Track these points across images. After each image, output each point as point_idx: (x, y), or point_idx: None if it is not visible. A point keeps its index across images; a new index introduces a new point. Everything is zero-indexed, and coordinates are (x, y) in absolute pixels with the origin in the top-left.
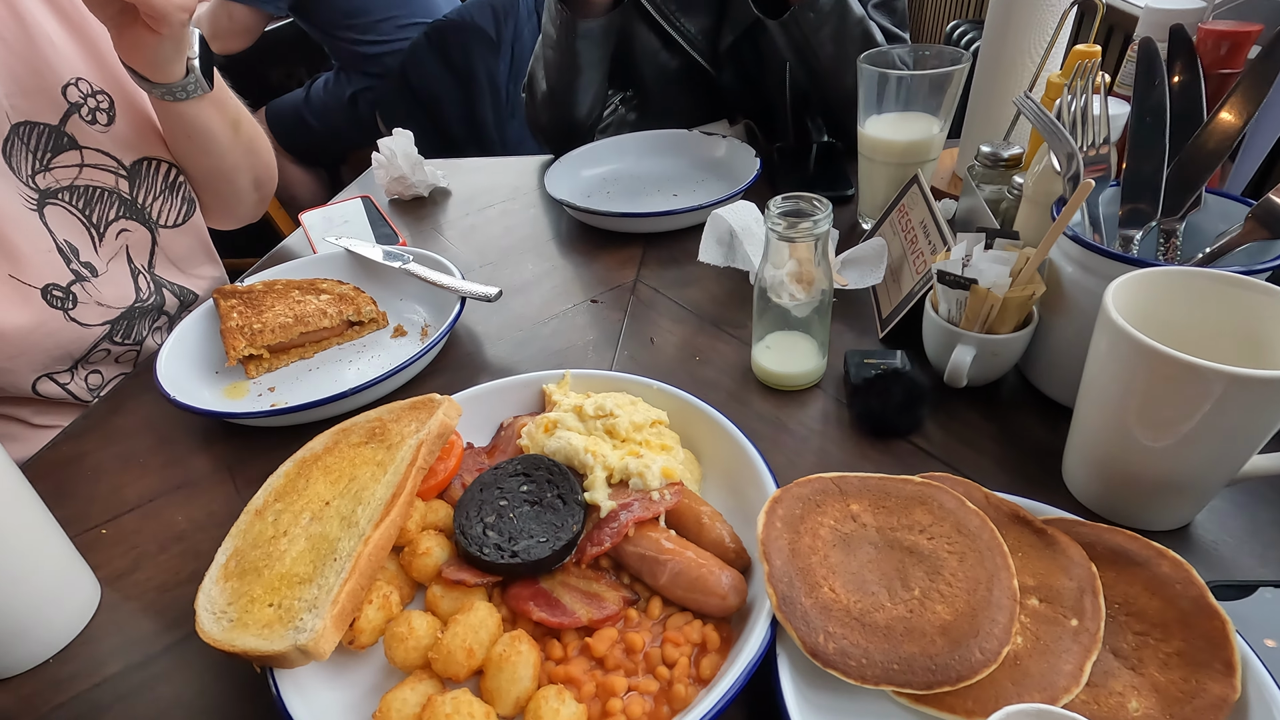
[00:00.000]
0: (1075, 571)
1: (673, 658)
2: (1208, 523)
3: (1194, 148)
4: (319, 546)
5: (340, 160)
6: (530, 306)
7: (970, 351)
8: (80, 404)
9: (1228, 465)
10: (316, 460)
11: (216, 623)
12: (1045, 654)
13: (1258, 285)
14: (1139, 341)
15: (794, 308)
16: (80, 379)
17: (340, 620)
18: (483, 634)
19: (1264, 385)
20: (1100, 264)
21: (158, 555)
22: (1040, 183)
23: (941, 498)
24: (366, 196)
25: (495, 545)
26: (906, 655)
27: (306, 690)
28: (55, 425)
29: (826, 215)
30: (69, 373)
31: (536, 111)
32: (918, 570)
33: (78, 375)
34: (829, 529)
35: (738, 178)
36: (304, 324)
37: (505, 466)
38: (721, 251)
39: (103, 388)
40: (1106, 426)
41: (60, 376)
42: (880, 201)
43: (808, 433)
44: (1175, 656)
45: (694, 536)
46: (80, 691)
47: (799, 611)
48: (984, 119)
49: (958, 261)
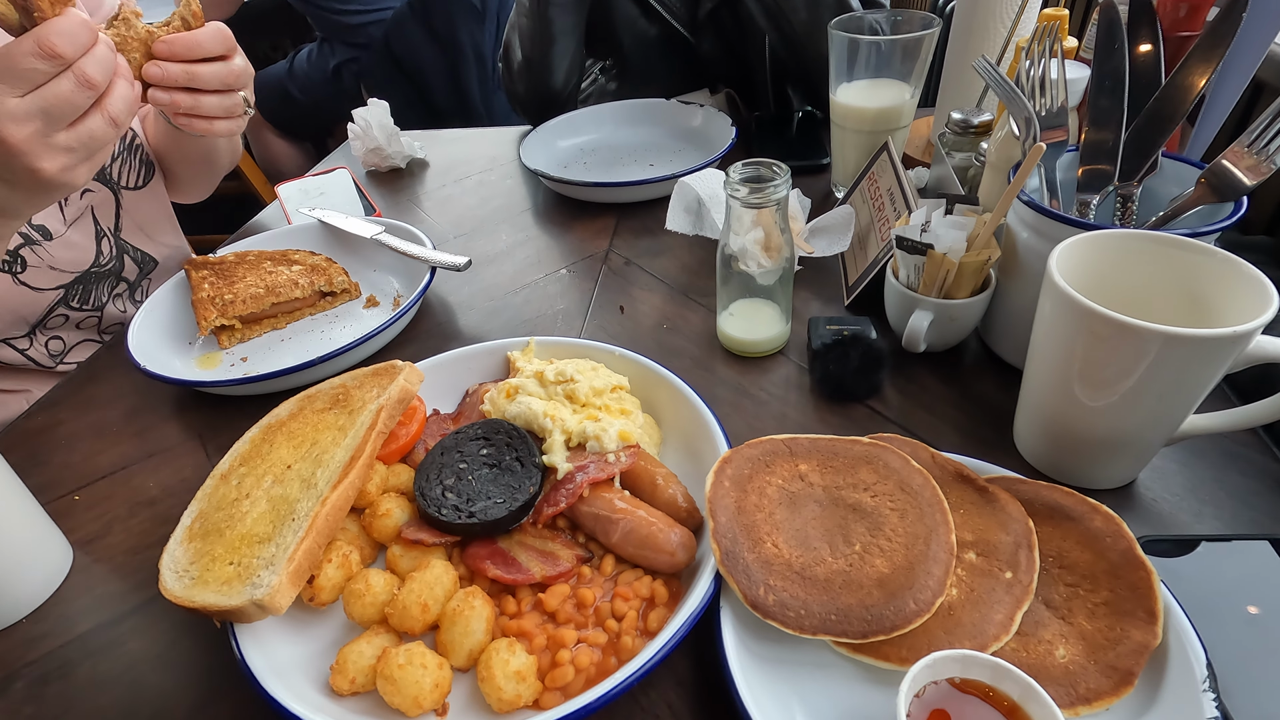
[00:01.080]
0: (1013, 527)
1: (622, 611)
2: (1149, 481)
3: (1151, 111)
4: (279, 508)
5: (326, 133)
6: (503, 276)
7: (927, 316)
8: (42, 369)
9: (1166, 424)
10: (281, 426)
11: (179, 581)
12: (978, 605)
13: (1198, 246)
14: (1078, 302)
15: (759, 275)
16: (40, 345)
17: (296, 577)
18: (438, 590)
19: (1197, 343)
20: (1052, 228)
21: (128, 520)
22: (1002, 149)
23: (887, 457)
24: (343, 168)
25: (454, 506)
26: (844, 606)
27: (266, 644)
28: (19, 390)
29: (785, 181)
30: (27, 338)
31: (513, 81)
32: (859, 526)
33: (37, 341)
34: (776, 488)
35: (715, 147)
36: (275, 295)
37: (466, 431)
38: (689, 220)
39: (64, 354)
40: (1051, 388)
41: (19, 342)
42: (852, 170)
43: (769, 398)
44: (1103, 606)
45: (648, 497)
46: (53, 649)
47: (741, 566)
48: (957, 86)
49: (916, 227)
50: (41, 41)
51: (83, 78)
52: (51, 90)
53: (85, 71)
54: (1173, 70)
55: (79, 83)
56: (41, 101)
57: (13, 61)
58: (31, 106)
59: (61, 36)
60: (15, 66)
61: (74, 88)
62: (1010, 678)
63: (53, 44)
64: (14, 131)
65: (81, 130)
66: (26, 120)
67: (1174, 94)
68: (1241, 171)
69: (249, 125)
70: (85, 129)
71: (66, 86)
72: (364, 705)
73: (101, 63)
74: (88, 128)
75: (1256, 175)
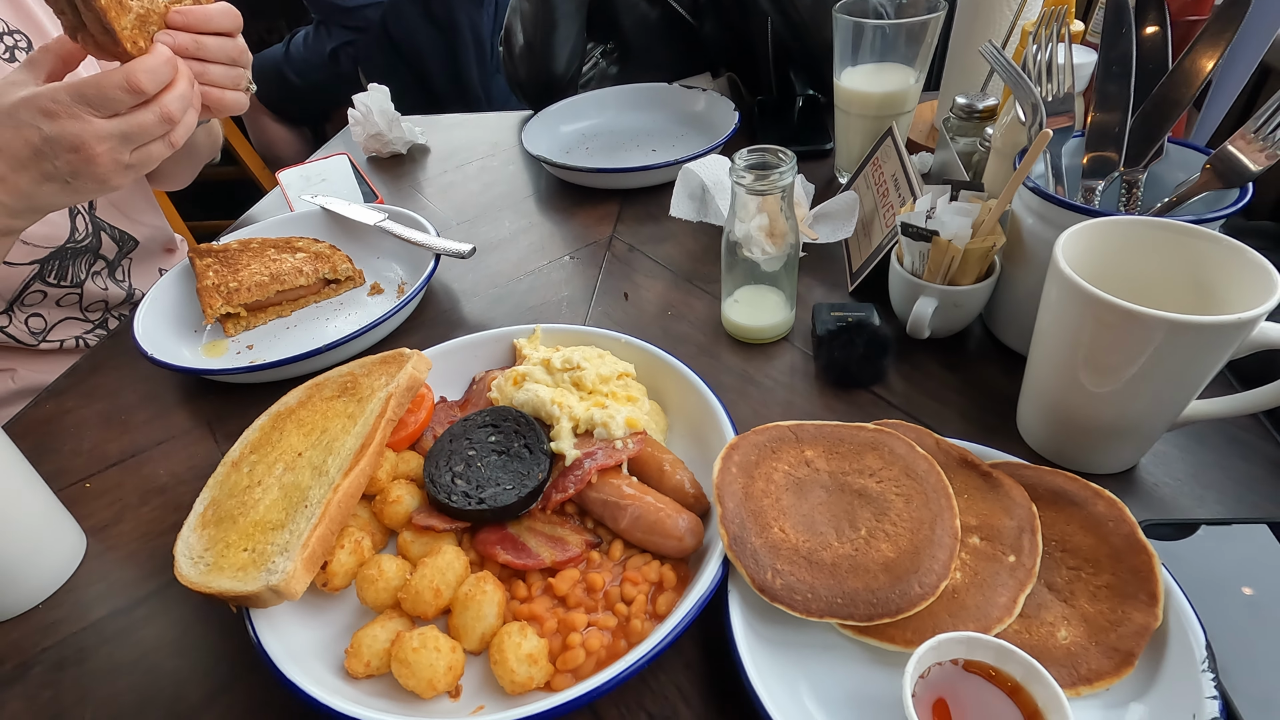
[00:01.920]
0: (1016, 512)
1: (631, 595)
2: (1151, 466)
3: (1158, 96)
4: (291, 495)
5: (324, 118)
6: (506, 263)
7: (932, 303)
8: (24, 347)
9: (1169, 409)
10: (290, 414)
11: (194, 567)
12: (982, 588)
13: (1203, 233)
14: (1084, 289)
15: (763, 262)
16: (20, 322)
17: (310, 563)
18: (449, 575)
19: (1201, 330)
20: (1058, 214)
21: (140, 507)
22: (1007, 134)
23: (893, 443)
24: (344, 154)
25: (463, 493)
26: (850, 590)
27: (281, 629)
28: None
29: (791, 167)
30: (6, 315)
31: (514, 65)
32: (865, 511)
33: (16, 318)
34: (783, 474)
35: (718, 132)
36: (280, 282)
37: (474, 418)
38: (693, 206)
39: (46, 331)
40: (1055, 374)
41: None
42: (856, 155)
43: (774, 385)
44: (1104, 589)
45: (656, 483)
46: (68, 635)
47: (749, 550)
48: (962, 70)
49: (922, 214)
50: (130, 78)
51: (166, 114)
52: (136, 119)
53: (169, 109)
54: (1180, 55)
55: (161, 118)
56: (125, 126)
57: (102, 91)
58: (116, 129)
59: (149, 74)
60: (105, 95)
61: (156, 122)
62: (1013, 659)
63: (139, 81)
64: (97, 146)
65: (146, 151)
66: (109, 139)
67: (1181, 79)
68: (1248, 157)
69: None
70: (150, 151)
71: (151, 120)
72: (379, 688)
73: (183, 99)
74: (151, 151)
75: (1263, 161)
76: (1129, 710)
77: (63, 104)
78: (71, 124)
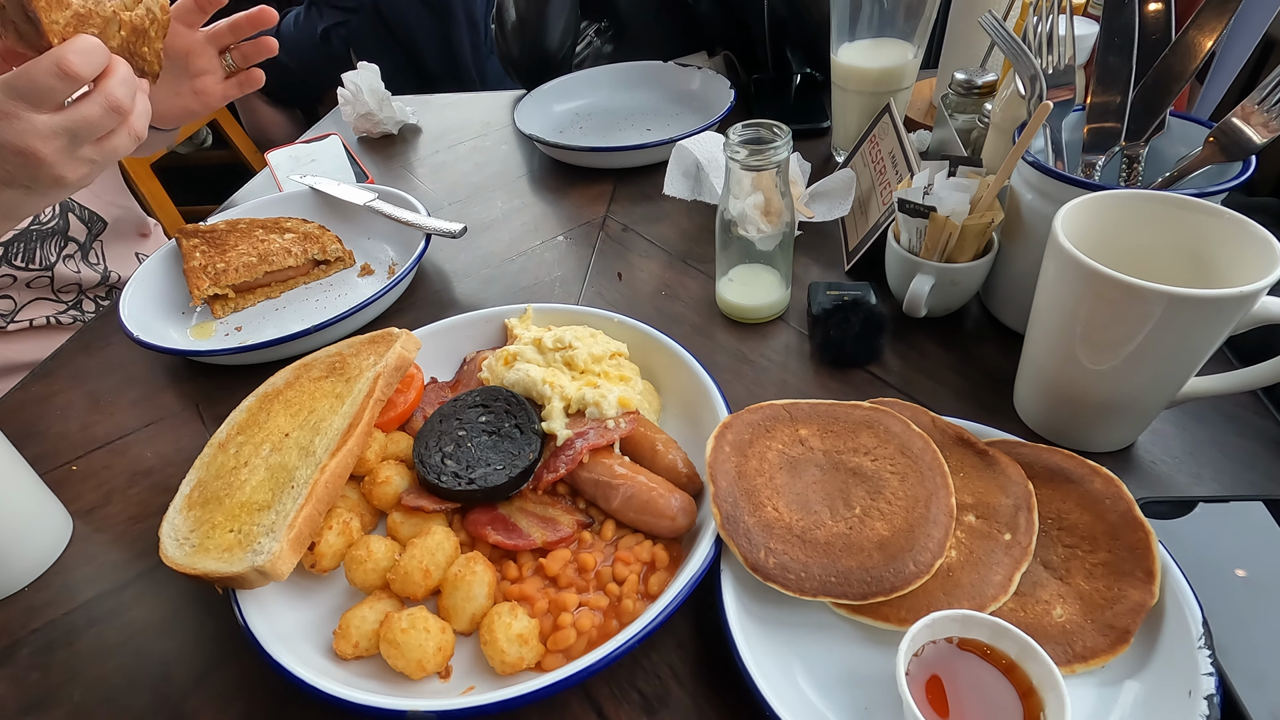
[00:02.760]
0: (1012, 490)
1: (623, 575)
2: (1149, 444)
3: (1160, 69)
4: (278, 476)
5: (315, 99)
6: (499, 243)
7: (929, 281)
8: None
9: (1167, 386)
10: (278, 394)
11: (180, 549)
12: (978, 566)
13: (1204, 206)
14: (1083, 263)
15: (758, 240)
16: None
17: (297, 544)
18: (439, 556)
19: (1202, 304)
20: (1057, 189)
21: (127, 489)
22: (1007, 108)
23: (888, 422)
24: (334, 134)
25: (453, 473)
26: (844, 569)
27: (269, 610)
28: None
29: (786, 142)
30: None
31: (507, 43)
32: (860, 490)
33: None
34: (777, 453)
35: (713, 110)
36: (268, 263)
37: (464, 398)
38: (688, 184)
39: (14, 313)
40: (1053, 351)
41: None
42: (854, 133)
43: (769, 364)
44: (1101, 567)
45: (648, 463)
46: (56, 617)
47: (742, 529)
48: (961, 45)
49: (919, 190)
50: (60, 62)
51: (113, 103)
52: (80, 113)
53: (115, 96)
54: (1183, 27)
55: (108, 108)
56: (68, 122)
57: (32, 80)
58: (59, 125)
59: (80, 55)
60: (36, 85)
61: (103, 112)
62: (1008, 637)
63: (71, 64)
64: (41, 146)
65: (106, 146)
66: (54, 137)
67: (1184, 51)
68: (1251, 129)
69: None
70: (110, 145)
71: (96, 110)
72: (368, 669)
73: (127, 84)
74: (112, 144)
75: (1266, 133)
76: (1124, 688)
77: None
78: (9, 125)
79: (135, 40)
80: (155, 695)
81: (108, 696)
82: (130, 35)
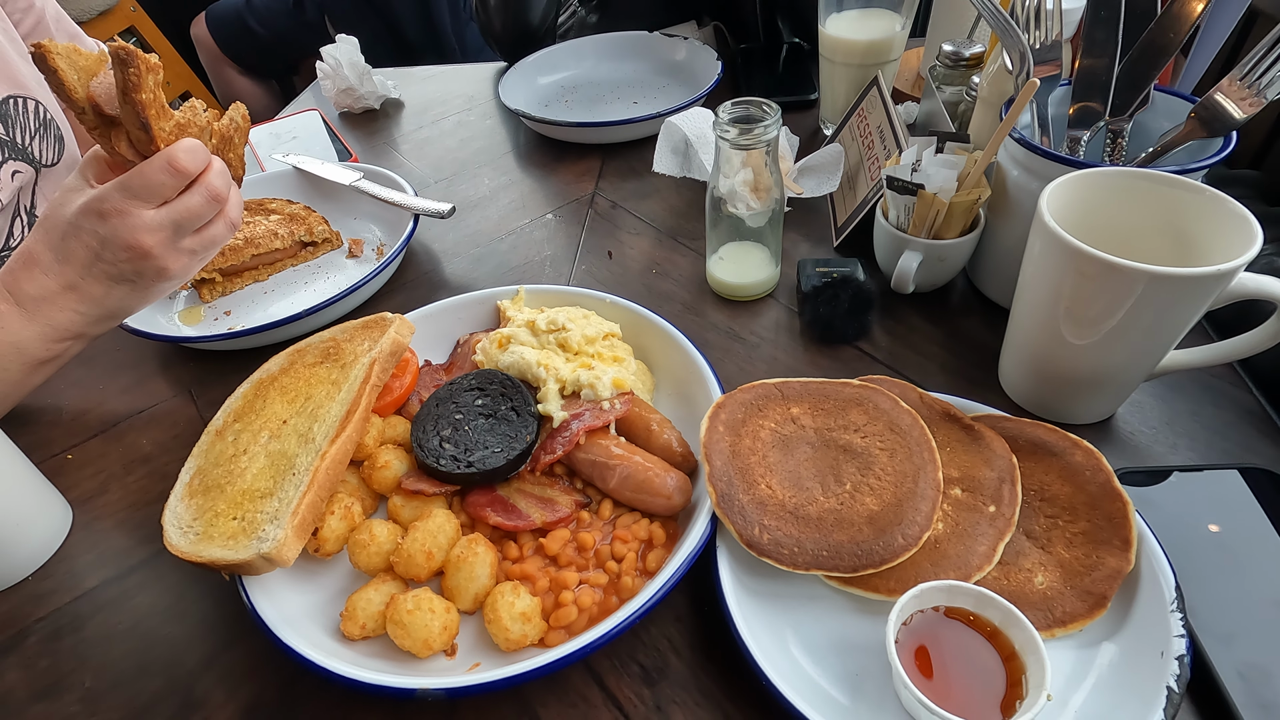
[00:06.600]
0: (997, 463)
1: (621, 553)
2: (1128, 415)
3: (1145, 42)
4: (278, 463)
5: (291, 70)
6: (487, 222)
7: (916, 257)
8: None
9: (1147, 360)
10: (273, 381)
11: (183, 536)
12: (963, 538)
13: (1185, 183)
14: (1066, 242)
15: (748, 218)
16: None
17: (301, 529)
18: (441, 538)
19: (1181, 282)
20: (1042, 166)
21: (125, 477)
22: (994, 83)
23: (877, 399)
24: (314, 110)
25: (451, 457)
26: (835, 543)
27: (276, 595)
28: None
29: (775, 120)
30: None
31: (488, 14)
32: (850, 466)
33: None
34: (769, 431)
35: (700, 82)
36: (255, 246)
37: (460, 382)
38: (677, 161)
39: None
40: (1037, 326)
41: None
42: (841, 106)
43: (760, 341)
44: (1080, 536)
45: (643, 442)
46: (62, 605)
47: (737, 507)
48: (948, 16)
49: (907, 167)
50: (171, 160)
51: (213, 192)
52: (183, 204)
53: (214, 187)
54: None
55: (209, 198)
56: (174, 214)
57: (145, 178)
58: (165, 218)
59: (187, 154)
60: (149, 182)
61: (204, 202)
62: (992, 605)
63: (180, 161)
64: (148, 238)
65: (206, 235)
66: (160, 229)
67: (1170, 23)
68: (1234, 104)
69: (210, 63)
70: (209, 234)
71: (197, 200)
72: (375, 649)
73: (223, 176)
74: (211, 234)
75: (1248, 108)
76: (1101, 650)
77: (112, 201)
78: (121, 221)
79: (223, 147)
80: (166, 679)
81: (118, 681)
82: (220, 143)
